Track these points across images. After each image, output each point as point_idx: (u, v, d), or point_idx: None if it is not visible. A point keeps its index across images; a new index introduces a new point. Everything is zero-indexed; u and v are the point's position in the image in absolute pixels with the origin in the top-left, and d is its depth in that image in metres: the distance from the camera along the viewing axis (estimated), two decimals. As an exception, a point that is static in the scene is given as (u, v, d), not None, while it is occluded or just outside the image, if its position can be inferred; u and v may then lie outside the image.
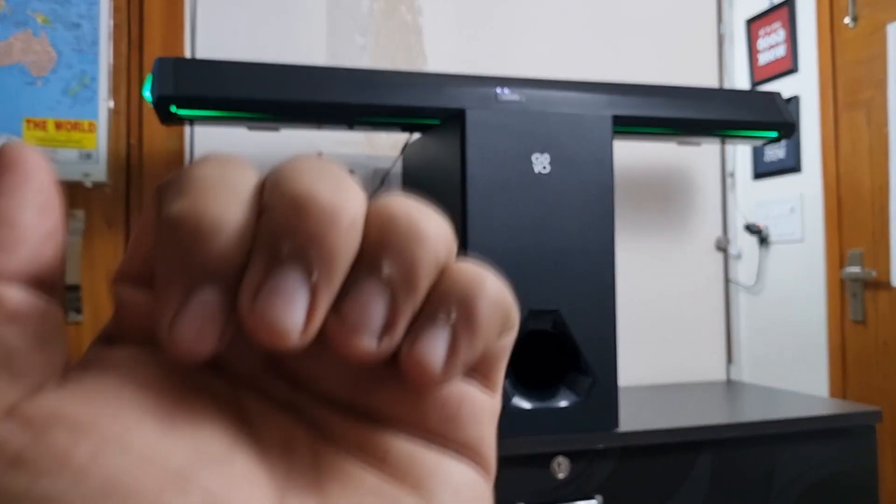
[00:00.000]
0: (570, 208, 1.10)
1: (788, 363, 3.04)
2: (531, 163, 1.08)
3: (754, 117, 1.30)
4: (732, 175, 3.31)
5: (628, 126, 1.27)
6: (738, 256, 3.27)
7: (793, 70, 3.00)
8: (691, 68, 1.65)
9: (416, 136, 1.37)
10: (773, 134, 1.33)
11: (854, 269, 2.67)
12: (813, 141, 2.89)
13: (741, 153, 3.25)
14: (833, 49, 2.80)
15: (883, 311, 2.59)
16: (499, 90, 1.23)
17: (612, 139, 1.11)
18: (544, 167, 1.09)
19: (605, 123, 1.11)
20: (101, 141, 1.34)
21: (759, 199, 3.17)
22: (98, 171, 1.33)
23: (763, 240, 3.16)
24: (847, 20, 2.73)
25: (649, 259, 1.62)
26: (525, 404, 1.08)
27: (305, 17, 1.43)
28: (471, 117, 1.06)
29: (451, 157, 1.10)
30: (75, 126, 1.32)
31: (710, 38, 1.65)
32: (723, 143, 1.42)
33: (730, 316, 1.67)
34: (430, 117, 1.21)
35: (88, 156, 1.33)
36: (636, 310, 1.61)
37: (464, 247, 1.06)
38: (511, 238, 1.07)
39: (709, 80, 1.65)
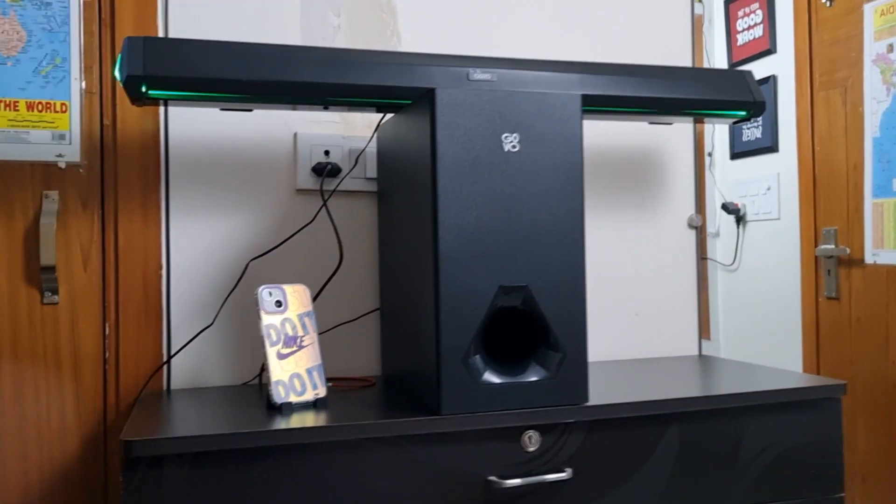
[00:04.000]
0: (540, 186, 1.11)
1: (764, 339, 3.09)
2: (501, 142, 1.09)
3: (724, 96, 1.31)
4: (710, 155, 3.34)
5: (599, 105, 1.29)
6: (716, 234, 3.30)
7: (770, 51, 3.02)
8: (665, 50, 1.66)
9: (390, 116, 1.37)
10: (743, 113, 1.35)
11: (828, 247, 2.70)
12: (790, 121, 2.92)
13: (719, 133, 3.27)
14: (810, 29, 2.81)
15: (856, 287, 2.63)
16: (470, 70, 1.23)
17: (581, 117, 1.12)
18: (514, 146, 1.10)
19: (574, 102, 1.12)
20: (74, 121, 1.33)
21: (737, 179, 3.20)
22: (72, 152, 1.33)
23: (740, 218, 3.20)
24: (824, 0, 2.75)
25: (622, 238, 1.64)
26: (495, 379, 1.10)
27: (278, -3, 1.43)
28: (441, 97, 1.06)
29: (423, 136, 1.11)
30: (47, 106, 1.32)
31: (684, 20, 1.66)
32: (694, 122, 1.44)
33: (702, 293, 1.70)
34: (402, 97, 1.21)
35: (62, 136, 1.33)
36: (609, 288, 1.63)
37: (434, 225, 1.07)
38: (481, 216, 1.09)
39: (683, 62, 1.66)
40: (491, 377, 1.10)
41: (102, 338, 1.35)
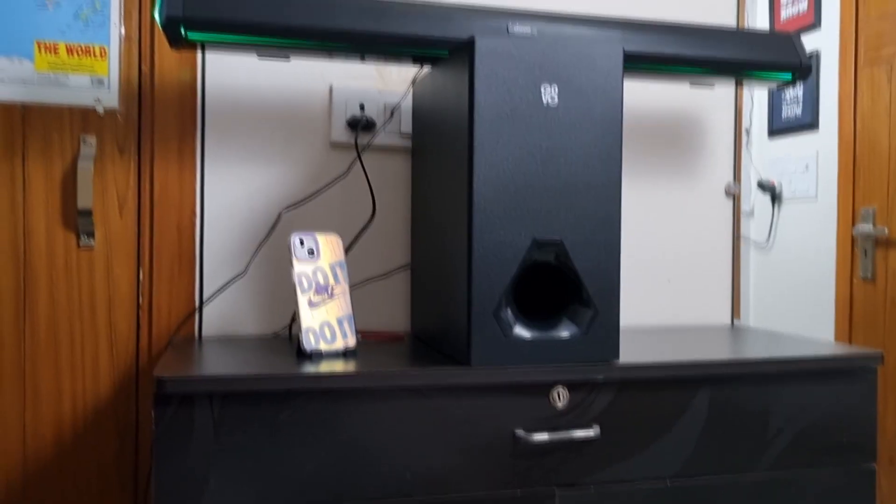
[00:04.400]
0: (578, 140, 1.09)
1: (796, 320, 3.04)
2: (540, 93, 1.08)
3: (769, 57, 1.28)
4: (748, 132, 3.28)
5: (640, 63, 1.26)
6: (751, 213, 3.25)
7: (814, 25, 2.95)
8: (710, 16, 1.63)
9: (426, 70, 1.36)
10: (788, 76, 1.31)
11: (866, 227, 2.65)
12: (831, 98, 2.86)
13: (757, 110, 3.21)
14: (857, 3, 2.74)
15: (893, 268, 2.58)
16: (510, 23, 1.22)
17: (622, 72, 1.10)
18: (552, 98, 1.08)
19: (616, 56, 1.10)
20: (112, 67, 1.34)
21: (774, 157, 3.15)
22: (110, 98, 1.34)
23: (776, 197, 3.14)
24: (872, -28, 2.67)
25: (657, 203, 1.61)
26: (526, 334, 1.10)
27: (318, -52, 1.42)
28: (480, 45, 1.05)
29: (460, 86, 1.09)
30: (87, 51, 1.33)
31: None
32: (737, 84, 1.41)
33: (736, 262, 1.67)
34: (440, 48, 1.20)
35: (100, 82, 1.33)
36: (641, 253, 1.61)
37: (469, 177, 1.06)
38: (517, 168, 1.07)
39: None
40: (521, 331, 1.10)
41: (136, 283, 1.36)
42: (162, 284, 1.36)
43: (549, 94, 1.08)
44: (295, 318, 1.39)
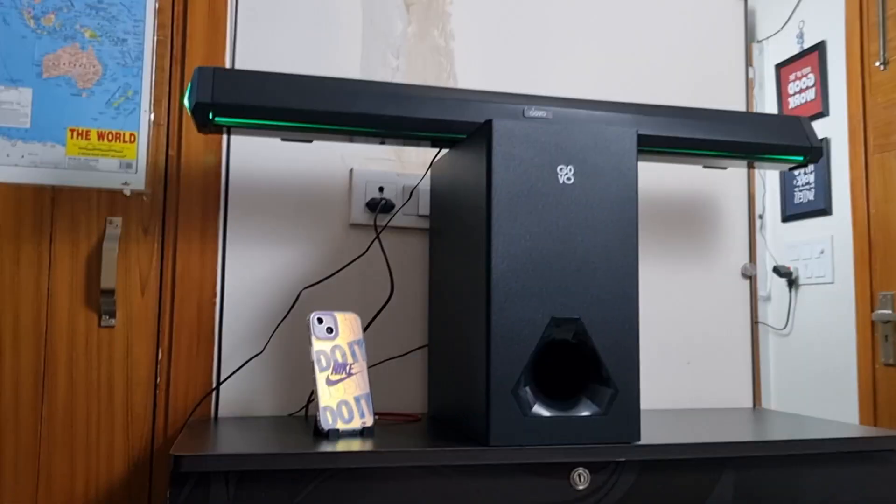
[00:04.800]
0: (594, 219, 1.11)
1: (817, 406, 2.98)
2: (556, 173, 1.10)
3: (781, 140, 1.31)
4: (762, 217, 3.30)
5: (654, 145, 1.29)
6: (768, 298, 3.24)
7: (823, 113, 3.00)
8: (719, 103, 1.67)
9: (444, 152, 1.40)
10: (800, 158, 1.34)
11: (885, 312, 2.63)
12: (843, 183, 2.89)
13: (770, 196, 3.24)
14: (864, 92, 2.80)
15: (916, 354, 2.54)
16: (526, 107, 1.25)
17: (636, 152, 1.12)
18: (569, 178, 1.10)
19: (630, 137, 1.13)
20: (141, 151, 1.38)
21: (789, 242, 3.15)
22: (137, 181, 1.38)
23: (792, 282, 3.13)
24: (878, 63, 2.75)
25: (673, 284, 1.62)
26: (545, 413, 1.08)
27: (341, 38, 1.48)
28: (498, 127, 1.08)
29: (478, 167, 1.12)
30: (117, 136, 1.37)
31: (739, 82, 1.67)
32: (749, 167, 1.43)
33: (756, 345, 1.66)
34: (459, 131, 1.24)
35: (129, 165, 1.38)
36: (660, 335, 1.61)
37: (488, 254, 1.07)
38: (535, 247, 1.09)
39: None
40: (541, 410, 1.08)
41: (155, 363, 1.37)
42: (180, 364, 1.36)
43: (565, 174, 1.11)
44: (312, 397, 1.38)
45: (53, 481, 1.31)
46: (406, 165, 1.49)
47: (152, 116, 1.39)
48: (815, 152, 1.34)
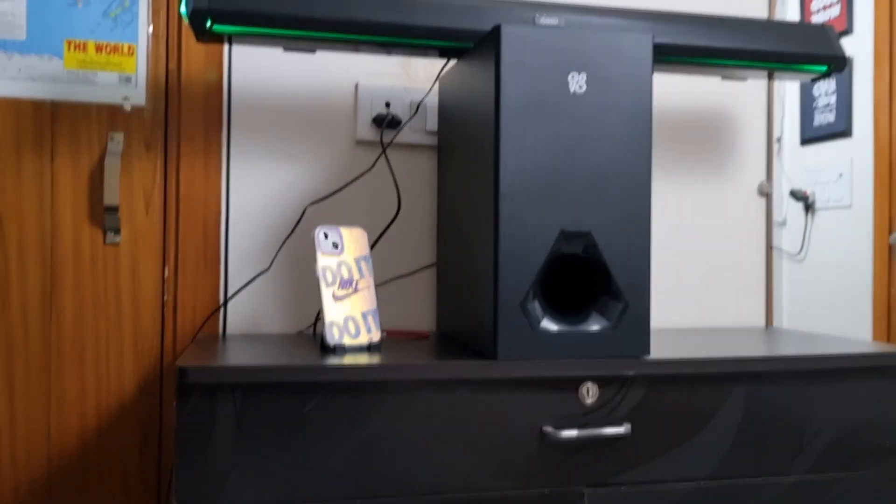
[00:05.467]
0: (606, 129, 1.07)
1: (831, 328, 2.97)
2: (567, 82, 1.06)
3: (803, 49, 1.25)
4: (779, 140, 3.23)
5: (670, 54, 1.24)
6: (783, 223, 3.19)
7: (847, 31, 2.90)
8: (740, 13, 1.60)
9: (452, 64, 1.35)
10: (823, 68, 1.28)
11: (904, 236, 2.59)
12: (866, 104, 2.80)
13: (789, 118, 3.16)
14: (892, 7, 2.69)
15: (933, 278, 2.51)
16: (537, 15, 1.20)
17: (651, 61, 1.08)
18: (580, 87, 1.06)
19: (645, 45, 1.08)
20: (140, 65, 1.34)
21: (807, 165, 3.09)
22: (137, 95, 1.34)
23: (809, 206, 3.08)
24: (907, -24, 2.63)
25: (687, 201, 1.58)
26: (553, 327, 1.07)
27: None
28: (507, 33, 1.04)
29: (486, 76, 1.08)
30: (115, 49, 1.33)
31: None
32: (769, 77, 1.38)
33: (770, 264, 1.63)
34: (466, 39, 1.19)
35: (128, 79, 1.34)
36: (672, 253, 1.58)
37: (496, 166, 1.04)
38: (544, 158, 1.05)
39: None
40: (549, 324, 1.07)
41: (161, 280, 1.36)
42: (187, 281, 1.35)
43: (577, 82, 1.06)
44: (320, 315, 1.37)
45: (66, 398, 1.32)
46: (414, 79, 1.45)
47: (151, 28, 1.35)
48: (840, 62, 1.28)
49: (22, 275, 1.30)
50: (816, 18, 3.11)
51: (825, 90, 3.00)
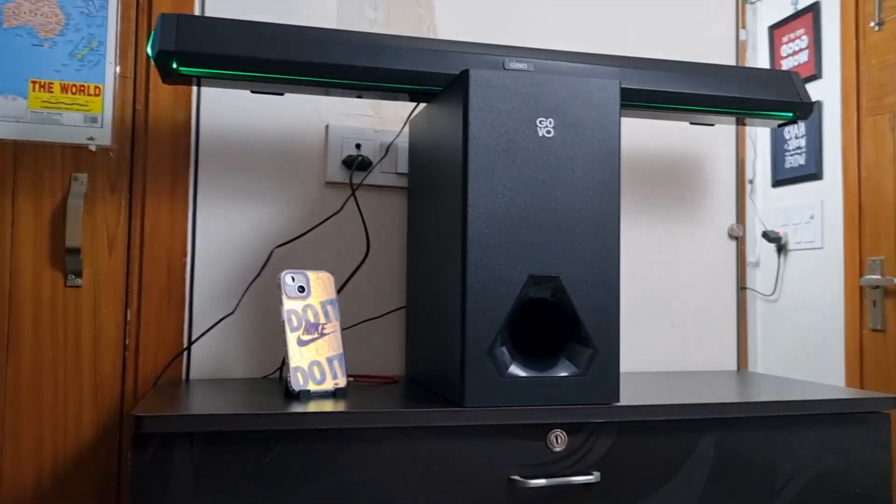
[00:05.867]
0: (575, 173, 1.07)
1: (804, 372, 2.98)
2: (535, 126, 1.06)
3: (770, 95, 1.26)
4: (752, 182, 3.27)
5: (638, 99, 1.25)
6: (756, 264, 3.21)
7: (816, 76, 2.96)
8: (709, 61, 1.62)
9: (422, 107, 1.35)
10: (789, 114, 1.29)
11: (874, 277, 2.61)
12: (834, 147, 2.85)
13: (761, 160, 3.20)
14: (857, 53, 2.75)
15: (904, 319, 2.53)
16: (506, 59, 1.21)
17: (619, 104, 1.08)
18: (549, 131, 1.06)
19: (613, 89, 1.08)
20: (107, 105, 1.33)
21: (778, 207, 3.12)
22: (103, 136, 1.33)
23: (781, 247, 3.11)
24: (872, 24, 2.69)
25: (658, 244, 1.58)
26: (522, 373, 1.05)
27: (316, -11, 1.42)
28: (475, 77, 1.03)
29: (454, 121, 1.08)
30: (81, 89, 1.32)
31: (729, 44, 1.62)
32: (737, 123, 1.39)
33: (742, 307, 1.63)
34: (436, 83, 1.19)
35: (94, 119, 1.32)
36: (643, 296, 1.58)
37: (464, 209, 1.03)
38: (513, 202, 1.05)
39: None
40: (517, 370, 1.05)
41: (123, 323, 1.33)
42: (150, 325, 1.32)
43: (545, 126, 1.06)
44: (284, 361, 1.35)
45: (21, 446, 1.28)
46: (384, 121, 1.44)
47: (118, 69, 1.34)
48: (806, 108, 1.30)
49: (-21, 318, 1.27)
50: (786, 64, 3.17)
51: (795, 133, 3.05)
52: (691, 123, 1.43)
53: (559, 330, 1.09)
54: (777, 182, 3.17)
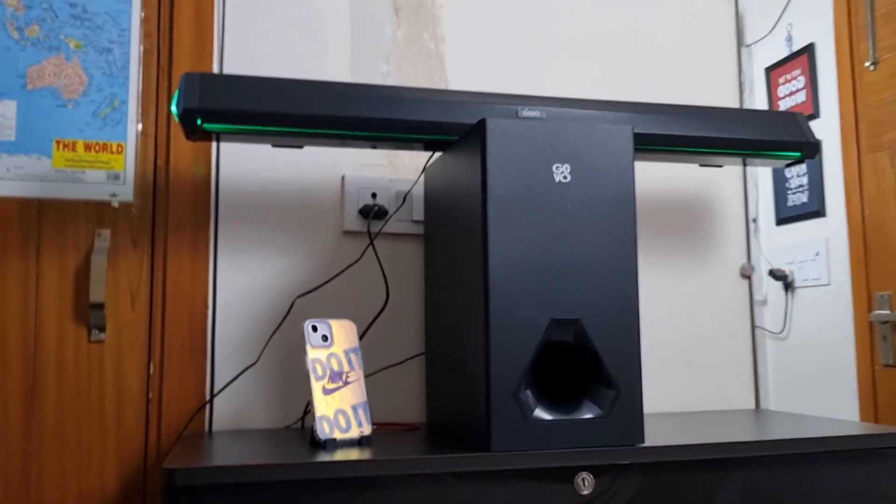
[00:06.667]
0: (592, 218, 1.09)
1: (818, 409, 2.97)
2: (552, 172, 1.08)
3: (778, 136, 1.29)
4: (755, 221, 3.30)
5: (650, 143, 1.28)
6: (764, 302, 3.22)
7: (814, 115, 3.01)
8: (711, 103, 1.66)
9: (437, 156, 1.38)
10: (797, 154, 1.32)
11: (883, 312, 2.62)
12: (836, 184, 2.88)
13: (763, 199, 3.24)
14: (854, 92, 2.81)
15: (915, 354, 2.53)
16: (519, 108, 1.24)
17: (632, 149, 1.11)
18: (565, 177, 1.09)
19: (626, 134, 1.11)
20: (129, 162, 1.36)
21: (783, 245, 3.14)
22: (125, 192, 1.35)
23: (788, 285, 3.12)
24: (867, 64, 2.75)
25: (672, 286, 1.60)
26: (547, 416, 1.06)
27: (330, 44, 1.46)
28: (492, 126, 1.06)
29: (472, 168, 1.10)
30: (104, 147, 1.35)
31: (732, 85, 1.66)
32: (744, 163, 1.42)
33: (756, 345, 1.64)
34: (452, 132, 1.22)
35: (116, 177, 1.35)
36: (659, 338, 1.59)
37: (485, 256, 1.05)
38: (532, 247, 1.07)
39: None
40: (542, 414, 1.06)
41: (146, 377, 1.34)
42: (172, 378, 1.33)
43: (562, 172, 1.09)
44: (308, 408, 1.35)
45: (44, 499, 1.28)
46: (399, 171, 1.47)
47: (140, 126, 1.37)
48: (812, 148, 1.33)
49: (3, 374, 1.28)
50: (784, 104, 3.22)
51: (797, 172, 3.09)
52: (701, 165, 1.46)
53: (582, 372, 1.10)
54: (781, 220, 3.19)
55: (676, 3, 1.67)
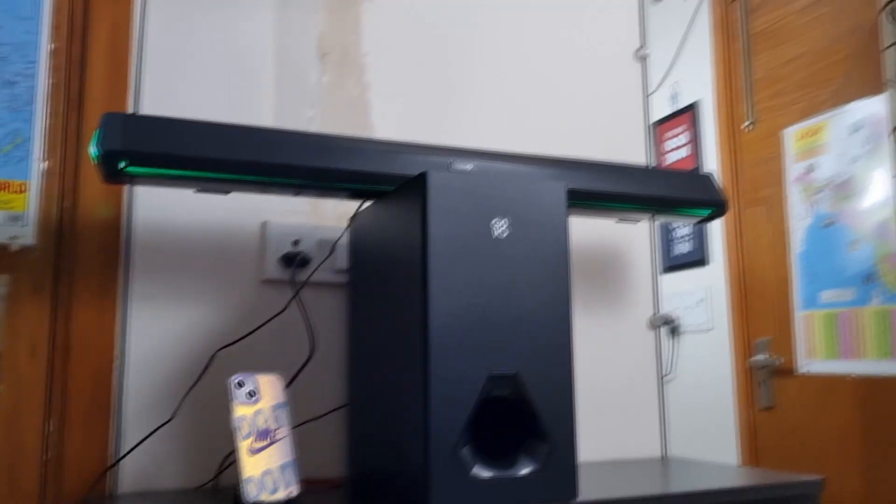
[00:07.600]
0: (528, 273, 1.10)
1: (702, 450, 3.10)
2: (490, 227, 1.09)
3: (697, 195, 1.36)
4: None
5: (578, 200, 1.31)
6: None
7: (697, 170, 3.19)
8: (621, 156, 1.73)
9: (368, 204, 1.36)
10: (708, 211, 1.40)
11: (761, 357, 2.77)
12: (718, 235, 3.06)
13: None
14: (734, 150, 2.99)
15: (790, 397, 2.68)
16: (452, 160, 1.24)
17: (566, 205, 1.13)
18: (503, 231, 1.09)
19: (560, 192, 1.13)
20: (32, 202, 1.26)
21: (669, 291, 3.29)
22: (26, 234, 1.26)
23: (674, 330, 3.26)
24: (746, 124, 2.94)
25: (584, 336, 1.64)
26: (485, 473, 1.05)
27: (254, 87, 1.43)
28: (433, 179, 1.06)
29: (411, 221, 1.09)
30: (5, 186, 1.25)
31: (639, 138, 1.74)
32: (652, 219, 1.47)
33: (662, 395, 1.70)
34: (384, 183, 1.21)
35: (17, 218, 1.25)
36: (578, 388, 1.61)
37: (424, 311, 1.04)
38: (471, 302, 1.06)
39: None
40: (481, 470, 1.05)
41: (44, 435, 1.23)
42: (74, 435, 1.23)
43: (500, 226, 1.09)
44: (224, 466, 1.28)
45: (-80, 578, 1.14)
46: (322, 217, 1.44)
47: (45, 165, 1.28)
48: (722, 205, 1.40)
49: None
50: (669, 158, 3.40)
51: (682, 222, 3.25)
52: (618, 221, 1.52)
53: (519, 426, 1.10)
54: (667, 268, 3.35)
55: (589, 55, 1.74)
